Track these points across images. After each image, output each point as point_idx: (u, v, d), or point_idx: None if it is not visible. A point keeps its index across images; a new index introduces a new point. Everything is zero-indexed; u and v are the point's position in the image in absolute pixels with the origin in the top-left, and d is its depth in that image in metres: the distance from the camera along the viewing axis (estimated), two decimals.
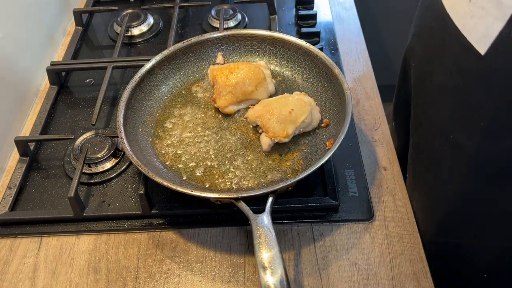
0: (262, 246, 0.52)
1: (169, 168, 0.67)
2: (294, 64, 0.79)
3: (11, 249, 0.65)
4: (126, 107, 0.69)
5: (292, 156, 0.68)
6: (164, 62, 0.77)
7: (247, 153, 0.69)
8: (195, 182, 0.65)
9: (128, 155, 0.62)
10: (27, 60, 0.87)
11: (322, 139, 0.69)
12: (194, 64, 0.80)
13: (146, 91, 0.75)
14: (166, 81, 0.77)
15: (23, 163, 0.73)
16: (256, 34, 0.80)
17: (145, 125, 0.72)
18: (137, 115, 0.72)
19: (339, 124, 0.67)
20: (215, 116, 0.74)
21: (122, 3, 1.05)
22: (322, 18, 0.98)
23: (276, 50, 0.80)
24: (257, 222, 0.55)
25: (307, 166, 0.66)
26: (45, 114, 0.81)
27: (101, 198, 0.69)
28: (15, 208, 0.69)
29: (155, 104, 0.75)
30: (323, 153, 0.64)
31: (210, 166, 0.67)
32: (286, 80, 0.78)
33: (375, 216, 0.66)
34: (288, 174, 0.66)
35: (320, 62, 0.74)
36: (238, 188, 0.65)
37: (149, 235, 0.66)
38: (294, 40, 0.77)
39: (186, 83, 0.79)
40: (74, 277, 0.62)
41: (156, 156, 0.68)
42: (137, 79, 0.73)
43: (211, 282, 0.60)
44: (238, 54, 0.81)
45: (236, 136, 0.71)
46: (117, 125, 0.66)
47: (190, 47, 0.79)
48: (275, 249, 0.52)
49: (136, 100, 0.72)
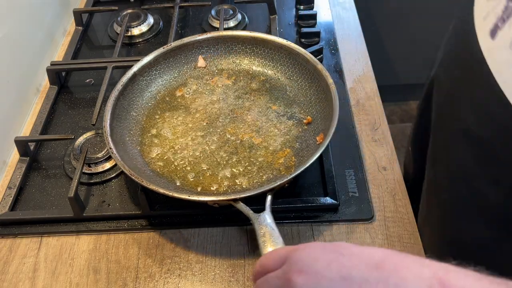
0: (267, 244, 0.52)
1: (161, 176, 0.66)
2: (276, 63, 0.79)
3: (11, 249, 0.65)
4: (112, 117, 0.68)
5: (283, 153, 0.68)
6: (145, 69, 0.76)
7: (238, 154, 0.69)
8: (189, 187, 0.65)
9: (119, 165, 0.61)
10: (27, 60, 0.87)
11: (312, 135, 0.69)
12: (175, 68, 0.79)
13: (129, 99, 0.73)
14: (148, 88, 0.77)
15: (23, 163, 0.73)
16: (236, 35, 0.80)
17: (131, 134, 0.71)
18: (122, 124, 0.71)
19: (327, 118, 0.67)
20: (202, 119, 0.74)
21: (122, 3, 1.05)
22: (322, 18, 0.98)
23: (257, 50, 0.80)
24: (259, 221, 0.55)
25: (300, 162, 0.66)
26: (45, 114, 0.81)
27: (101, 198, 0.69)
28: (15, 208, 0.69)
29: (139, 112, 0.74)
30: (315, 148, 0.65)
31: (201, 170, 0.67)
32: (270, 79, 0.79)
33: (375, 216, 0.66)
34: (282, 171, 0.66)
35: (302, 59, 0.75)
36: (233, 189, 0.64)
37: (149, 235, 0.66)
38: (275, 39, 0.77)
39: (169, 89, 0.78)
40: (74, 277, 0.62)
41: (146, 164, 0.68)
42: (119, 87, 0.71)
43: (211, 282, 0.60)
44: (220, 57, 0.81)
45: (225, 138, 0.71)
46: (104, 136, 0.65)
47: (171, 52, 0.78)
48: (281, 245, 0.52)
49: (120, 109, 0.71)
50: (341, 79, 0.85)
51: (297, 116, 0.73)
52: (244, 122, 0.73)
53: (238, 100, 0.76)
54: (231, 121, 0.73)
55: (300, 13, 0.96)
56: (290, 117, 0.73)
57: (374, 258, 0.38)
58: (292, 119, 0.73)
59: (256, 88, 0.78)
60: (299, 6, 1.01)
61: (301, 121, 0.72)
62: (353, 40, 0.94)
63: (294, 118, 0.73)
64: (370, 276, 0.37)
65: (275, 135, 0.71)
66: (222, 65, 0.81)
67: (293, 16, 0.99)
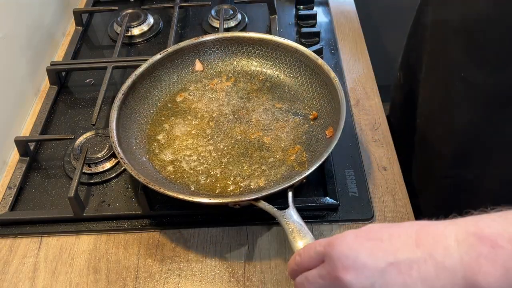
0: (296, 238, 0.52)
1: (174, 182, 0.66)
2: (275, 62, 0.79)
3: (11, 249, 0.65)
4: (117, 127, 0.67)
5: (294, 150, 0.68)
6: (144, 76, 0.75)
7: (249, 155, 0.69)
8: (204, 191, 0.65)
9: (133, 175, 0.60)
10: (27, 60, 0.87)
11: (320, 129, 0.69)
12: (173, 74, 0.79)
13: (131, 107, 0.72)
14: (149, 95, 0.76)
15: (23, 163, 0.73)
16: (232, 36, 0.80)
17: (138, 142, 0.70)
18: (128, 133, 0.70)
19: (333, 112, 0.68)
20: (207, 123, 0.73)
21: (122, 3, 1.05)
22: (322, 18, 0.98)
23: (254, 50, 0.80)
24: (285, 218, 0.54)
25: (312, 157, 0.66)
26: (45, 114, 0.81)
27: (101, 198, 0.69)
28: (15, 208, 0.69)
29: (143, 120, 0.73)
30: (325, 142, 0.65)
31: (214, 173, 0.67)
32: (270, 78, 0.79)
33: (375, 216, 0.66)
34: (295, 167, 0.66)
35: (301, 56, 0.75)
36: (250, 190, 0.64)
37: (149, 235, 0.66)
38: (272, 38, 0.77)
39: (170, 94, 0.78)
40: (74, 277, 0.62)
41: (157, 171, 0.67)
42: (121, 96, 0.70)
43: (211, 282, 0.60)
44: (217, 59, 0.81)
45: (233, 139, 0.71)
46: (113, 146, 0.64)
47: (167, 57, 0.77)
48: (309, 237, 0.52)
49: (124, 118, 0.70)
50: (341, 79, 0.85)
51: (302, 112, 0.73)
52: (249, 122, 0.73)
53: (241, 100, 0.76)
54: (236, 122, 0.73)
55: (300, 13, 0.96)
56: (295, 113, 0.73)
57: (411, 236, 0.40)
58: (297, 116, 0.73)
59: (256, 88, 0.78)
60: (299, 6, 1.01)
61: (306, 116, 0.72)
62: (353, 40, 0.94)
63: (300, 114, 0.73)
64: (414, 256, 0.38)
65: (283, 132, 0.71)
66: (220, 67, 0.81)
67: (293, 16, 0.99)
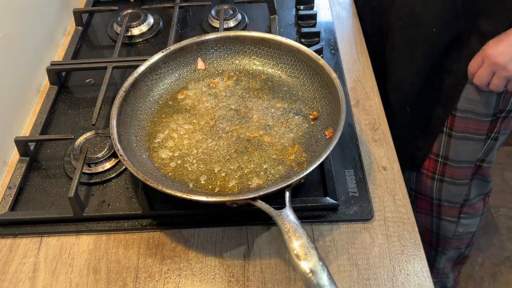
0: (292, 238, 0.52)
1: (173, 179, 0.66)
2: (276, 61, 0.79)
3: (11, 249, 0.65)
4: (118, 124, 0.67)
5: (293, 150, 0.68)
6: (146, 74, 0.75)
7: (248, 153, 0.69)
8: (203, 189, 0.65)
9: (133, 172, 0.60)
10: (27, 60, 0.87)
11: (320, 130, 0.69)
12: (175, 72, 0.79)
13: (132, 105, 0.73)
14: (150, 93, 0.76)
15: (23, 163, 0.73)
16: (235, 35, 0.80)
17: (138, 140, 0.70)
18: (129, 130, 0.70)
19: (334, 113, 0.68)
20: (207, 121, 0.73)
21: (122, 3, 1.05)
22: (322, 18, 0.98)
23: (256, 50, 0.80)
24: (282, 218, 0.55)
25: (311, 157, 0.66)
26: (45, 114, 0.81)
27: (101, 198, 0.69)
28: (15, 208, 0.69)
29: (144, 117, 0.74)
30: (324, 143, 0.65)
31: (213, 171, 0.67)
32: (271, 78, 0.79)
33: (375, 216, 0.66)
34: (294, 167, 0.66)
35: (303, 56, 0.75)
36: (248, 189, 0.64)
37: (149, 235, 0.66)
38: (274, 38, 0.77)
39: (171, 92, 0.78)
40: (74, 277, 0.62)
41: (157, 169, 0.67)
42: (122, 94, 0.70)
43: (211, 282, 0.60)
44: (219, 58, 0.81)
45: (233, 138, 0.71)
46: (113, 143, 0.64)
47: (170, 55, 0.77)
48: (304, 237, 0.52)
49: (125, 115, 0.70)
50: (341, 79, 0.85)
51: (303, 112, 0.73)
52: (250, 121, 0.73)
53: (242, 99, 0.76)
54: (237, 121, 0.73)
55: (300, 13, 0.96)
56: (295, 113, 0.73)
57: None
58: (298, 116, 0.73)
59: (258, 87, 0.78)
60: (299, 6, 1.01)
61: (307, 117, 0.72)
62: (353, 40, 0.94)
63: (300, 114, 0.73)
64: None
65: (283, 132, 0.71)
66: (221, 66, 0.81)
67: (293, 16, 0.99)
